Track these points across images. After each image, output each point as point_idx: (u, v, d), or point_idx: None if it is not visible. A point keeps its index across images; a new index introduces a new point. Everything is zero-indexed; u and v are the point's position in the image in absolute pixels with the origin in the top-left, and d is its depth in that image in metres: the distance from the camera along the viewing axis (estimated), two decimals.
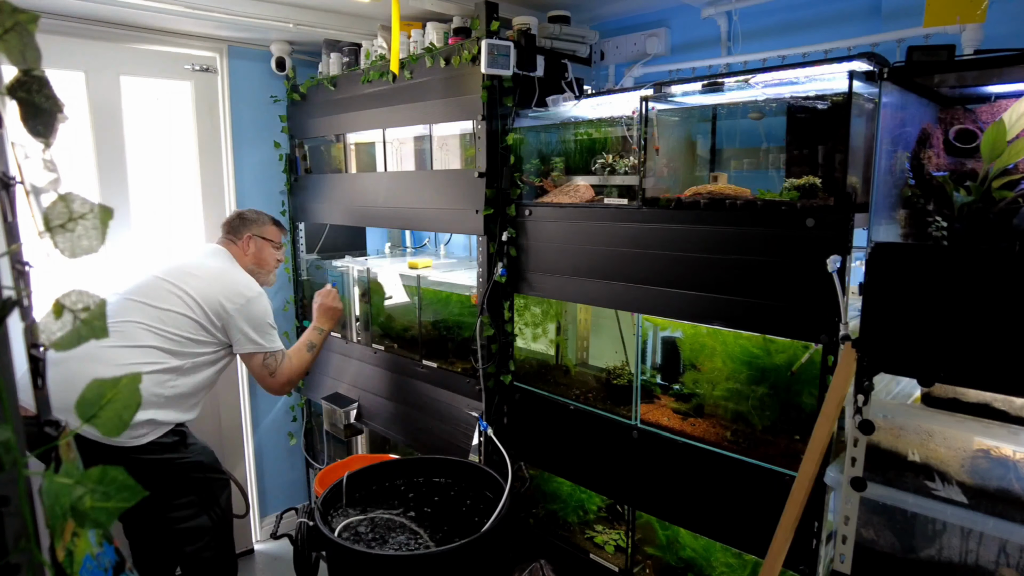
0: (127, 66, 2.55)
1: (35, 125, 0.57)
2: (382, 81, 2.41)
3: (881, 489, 1.25)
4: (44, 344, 0.61)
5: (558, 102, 2.05)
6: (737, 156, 1.84)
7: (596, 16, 2.48)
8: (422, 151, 2.73)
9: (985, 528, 1.14)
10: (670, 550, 1.97)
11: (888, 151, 1.35)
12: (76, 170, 2.47)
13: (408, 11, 2.30)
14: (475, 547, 1.65)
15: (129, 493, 0.59)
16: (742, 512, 1.63)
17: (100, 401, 0.61)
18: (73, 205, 0.60)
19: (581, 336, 2.42)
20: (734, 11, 2.12)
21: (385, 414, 2.56)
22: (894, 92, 1.33)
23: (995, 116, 1.40)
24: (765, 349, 1.67)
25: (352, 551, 1.66)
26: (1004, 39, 1.59)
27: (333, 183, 2.78)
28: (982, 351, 1.09)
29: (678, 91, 1.74)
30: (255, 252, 2.39)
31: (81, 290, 0.62)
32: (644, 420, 1.86)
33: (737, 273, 1.57)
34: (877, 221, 1.34)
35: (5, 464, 0.57)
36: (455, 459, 2.11)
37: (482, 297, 2.16)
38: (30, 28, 0.55)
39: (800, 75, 1.53)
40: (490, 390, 2.20)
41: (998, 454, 1.17)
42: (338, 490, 1.96)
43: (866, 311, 1.22)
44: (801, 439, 1.59)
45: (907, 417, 1.25)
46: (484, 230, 2.09)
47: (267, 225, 2.45)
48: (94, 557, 0.71)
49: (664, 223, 1.72)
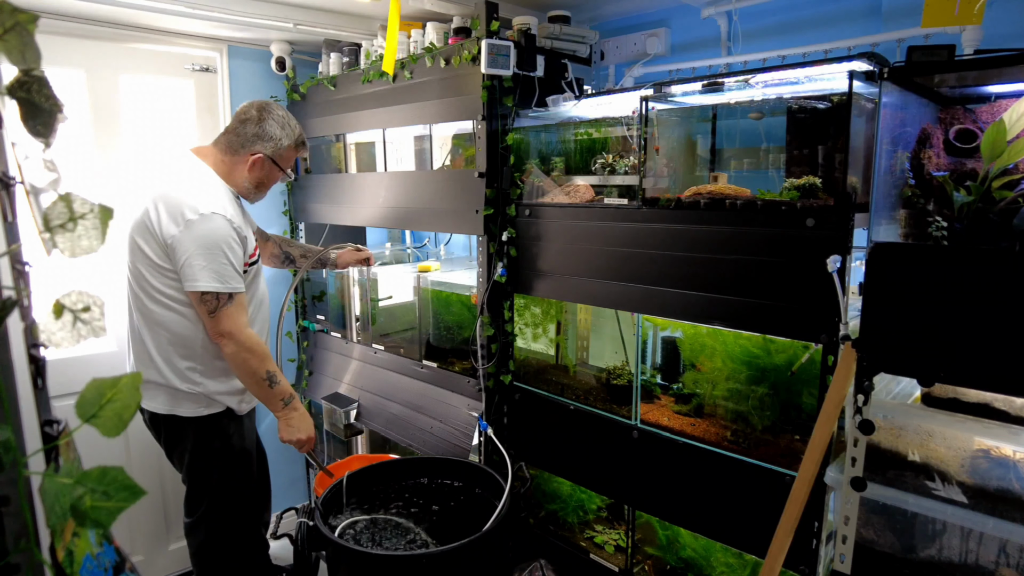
0: (127, 65, 2.55)
1: (35, 125, 0.58)
2: (382, 81, 2.41)
3: (881, 489, 1.25)
4: (44, 344, 0.61)
5: (558, 102, 2.05)
6: (737, 156, 1.84)
7: (596, 16, 2.48)
8: (422, 151, 2.73)
9: (985, 528, 1.14)
10: (670, 550, 1.97)
11: (888, 151, 1.35)
12: (76, 170, 2.47)
13: (408, 11, 2.30)
14: (475, 547, 1.65)
15: (129, 493, 0.59)
16: (742, 512, 1.63)
17: (100, 401, 0.61)
18: (73, 205, 0.60)
19: (581, 336, 2.42)
20: (734, 11, 2.12)
21: (385, 414, 2.56)
22: (894, 92, 1.33)
23: (995, 116, 1.40)
24: (765, 349, 1.67)
25: (352, 551, 1.66)
26: (1004, 39, 1.59)
27: (333, 183, 2.78)
28: (982, 351, 1.09)
29: (678, 91, 1.74)
30: (260, 173, 1.98)
31: (81, 290, 0.62)
32: (644, 420, 1.86)
33: (737, 273, 1.57)
34: (877, 221, 1.34)
35: (5, 464, 0.57)
36: (455, 459, 2.11)
37: (482, 297, 2.16)
38: (30, 28, 0.55)
39: (800, 75, 1.53)
40: (490, 390, 2.20)
41: (998, 454, 1.17)
42: (338, 490, 1.96)
43: (866, 311, 1.22)
44: (801, 439, 1.59)
45: (907, 417, 1.25)
46: (484, 230, 2.09)
47: (284, 147, 1.99)
48: (94, 557, 0.71)
49: (664, 223, 1.72)
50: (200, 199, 1.81)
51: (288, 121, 2.01)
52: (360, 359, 2.75)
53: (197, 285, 1.78)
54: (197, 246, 1.77)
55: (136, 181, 2.63)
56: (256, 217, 2.96)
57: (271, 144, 1.96)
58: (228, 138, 1.96)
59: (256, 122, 1.95)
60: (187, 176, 1.88)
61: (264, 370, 1.89)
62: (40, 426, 0.67)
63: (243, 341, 1.85)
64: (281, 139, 1.97)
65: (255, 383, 1.90)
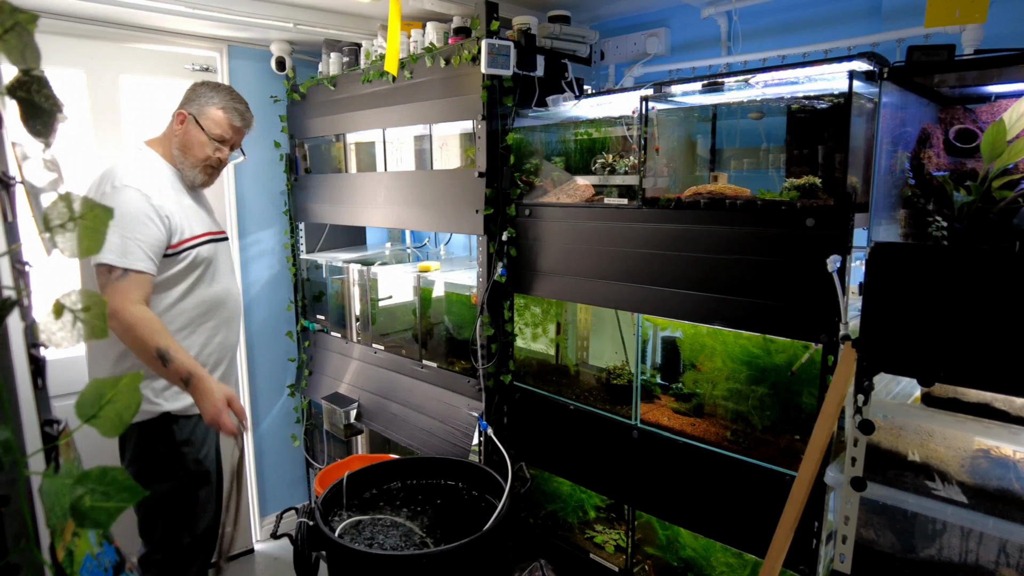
0: (127, 65, 2.55)
1: (35, 125, 0.58)
2: (382, 81, 2.41)
3: (881, 489, 1.25)
4: (44, 344, 0.61)
5: (558, 102, 2.05)
6: (737, 156, 1.84)
7: (596, 16, 2.48)
8: (422, 151, 2.73)
9: (985, 528, 1.14)
10: (670, 550, 1.97)
11: (888, 151, 1.35)
12: (77, 170, 2.47)
13: (408, 11, 2.30)
14: (475, 547, 1.65)
15: (129, 494, 0.59)
16: (742, 512, 1.63)
17: (100, 401, 0.61)
18: (73, 205, 0.60)
19: (581, 336, 2.42)
20: (734, 11, 2.12)
21: (385, 414, 2.56)
22: (894, 92, 1.33)
23: (995, 116, 1.40)
24: (765, 349, 1.67)
25: (352, 551, 1.66)
26: (1004, 39, 1.59)
27: (333, 183, 2.78)
28: (982, 351, 1.09)
29: (678, 91, 1.75)
30: (183, 134, 1.88)
31: (81, 290, 0.62)
32: (644, 420, 1.86)
33: (737, 273, 1.57)
34: (877, 221, 1.34)
35: (5, 464, 0.57)
36: (455, 459, 2.11)
37: (482, 297, 2.16)
38: (29, 28, 0.55)
39: (800, 75, 1.53)
40: (490, 390, 2.20)
41: (998, 454, 1.17)
42: (338, 490, 1.96)
43: (866, 311, 1.22)
44: (801, 439, 1.59)
45: (907, 417, 1.25)
46: (484, 230, 2.10)
47: (210, 107, 1.88)
48: (94, 557, 0.72)
49: (664, 223, 1.72)
50: (121, 173, 1.76)
51: (224, 87, 1.93)
52: (360, 359, 2.75)
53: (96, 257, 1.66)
54: None
55: None
56: (256, 217, 2.98)
57: (195, 104, 1.88)
58: None
59: (192, 86, 1.91)
60: (122, 157, 1.86)
61: (154, 346, 1.66)
62: (40, 426, 0.67)
63: (125, 317, 1.65)
64: (207, 100, 1.88)
65: (149, 361, 1.70)
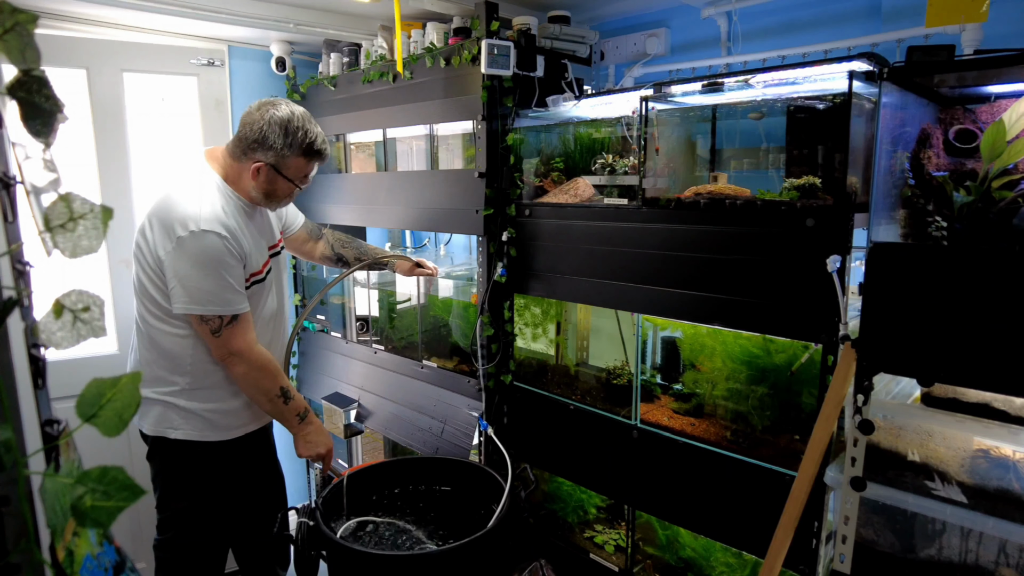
0: (129, 63, 2.54)
1: (35, 125, 0.58)
2: (382, 81, 2.41)
3: (881, 489, 1.25)
4: (44, 344, 0.61)
5: (558, 102, 2.05)
6: (737, 156, 1.84)
7: (596, 16, 2.48)
8: (423, 151, 2.72)
9: (985, 528, 1.14)
10: (670, 550, 1.97)
11: (888, 151, 1.35)
12: (77, 169, 2.47)
13: (408, 11, 2.30)
14: (475, 547, 1.65)
15: (129, 493, 0.59)
16: (742, 512, 1.63)
17: (100, 401, 0.61)
18: (73, 205, 0.60)
19: (581, 336, 2.42)
20: (734, 11, 2.12)
21: (385, 414, 2.56)
22: (894, 92, 1.33)
23: (995, 116, 1.40)
24: (765, 349, 1.67)
25: (352, 551, 1.66)
26: (1004, 39, 1.59)
27: (333, 183, 2.78)
28: (982, 351, 1.09)
29: (678, 91, 1.74)
30: (263, 183, 1.81)
31: (81, 290, 0.62)
32: (644, 420, 1.86)
33: (737, 273, 1.57)
34: (877, 221, 1.34)
35: (5, 464, 0.57)
36: (455, 459, 2.11)
37: (482, 297, 2.16)
38: (29, 28, 0.55)
39: (800, 75, 1.53)
40: (490, 390, 2.20)
41: (998, 454, 1.17)
42: (338, 490, 1.96)
43: (866, 311, 1.22)
44: (801, 439, 1.59)
45: (907, 417, 1.25)
46: (484, 230, 2.10)
47: (290, 157, 1.79)
48: (94, 557, 0.72)
49: (664, 223, 1.72)
50: (193, 213, 1.70)
51: (294, 124, 1.78)
52: (360, 359, 2.75)
53: (192, 308, 1.69)
54: (190, 266, 1.67)
55: (138, 181, 2.63)
56: None
57: (272, 153, 1.77)
58: (235, 141, 1.82)
59: (256, 126, 1.76)
60: (187, 185, 1.76)
61: (277, 387, 1.83)
62: (40, 426, 0.67)
63: (254, 360, 1.77)
64: (283, 147, 1.77)
65: (268, 401, 1.84)
